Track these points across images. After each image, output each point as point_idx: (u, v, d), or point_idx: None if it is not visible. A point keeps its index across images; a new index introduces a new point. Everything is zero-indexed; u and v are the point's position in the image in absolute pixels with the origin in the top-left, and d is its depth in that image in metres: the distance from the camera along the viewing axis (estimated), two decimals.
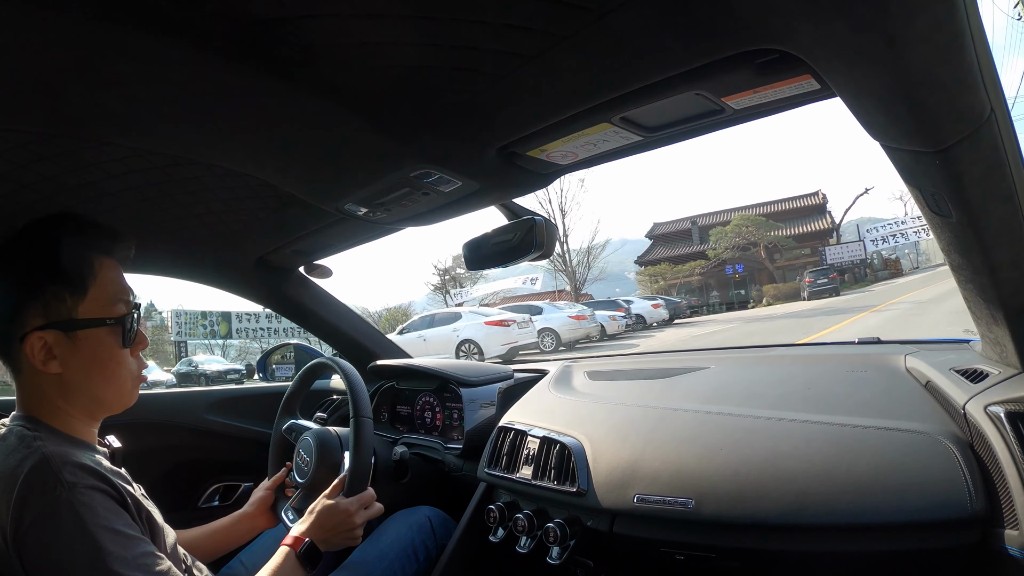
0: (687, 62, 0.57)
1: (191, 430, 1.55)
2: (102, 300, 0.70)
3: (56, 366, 0.68)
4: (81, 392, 0.70)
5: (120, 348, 0.72)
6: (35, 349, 0.67)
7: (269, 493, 1.12)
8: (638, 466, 0.92)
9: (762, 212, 27.45)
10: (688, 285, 26.78)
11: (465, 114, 0.70)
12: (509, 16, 0.52)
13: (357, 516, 0.94)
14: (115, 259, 0.74)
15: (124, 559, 0.60)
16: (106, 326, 0.70)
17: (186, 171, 0.92)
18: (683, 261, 26.68)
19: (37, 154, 0.80)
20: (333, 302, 1.63)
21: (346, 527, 0.92)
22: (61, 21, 0.48)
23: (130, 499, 0.66)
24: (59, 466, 0.61)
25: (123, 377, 0.73)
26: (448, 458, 1.31)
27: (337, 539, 0.92)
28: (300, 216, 1.12)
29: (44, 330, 0.67)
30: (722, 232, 25.24)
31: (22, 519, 0.58)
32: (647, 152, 0.79)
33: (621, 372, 1.33)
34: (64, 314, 0.68)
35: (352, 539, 0.94)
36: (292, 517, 1.09)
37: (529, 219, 0.94)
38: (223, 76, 0.59)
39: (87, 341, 0.69)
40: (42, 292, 0.67)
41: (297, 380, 1.24)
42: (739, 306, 23.47)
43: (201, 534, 1.03)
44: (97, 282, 0.70)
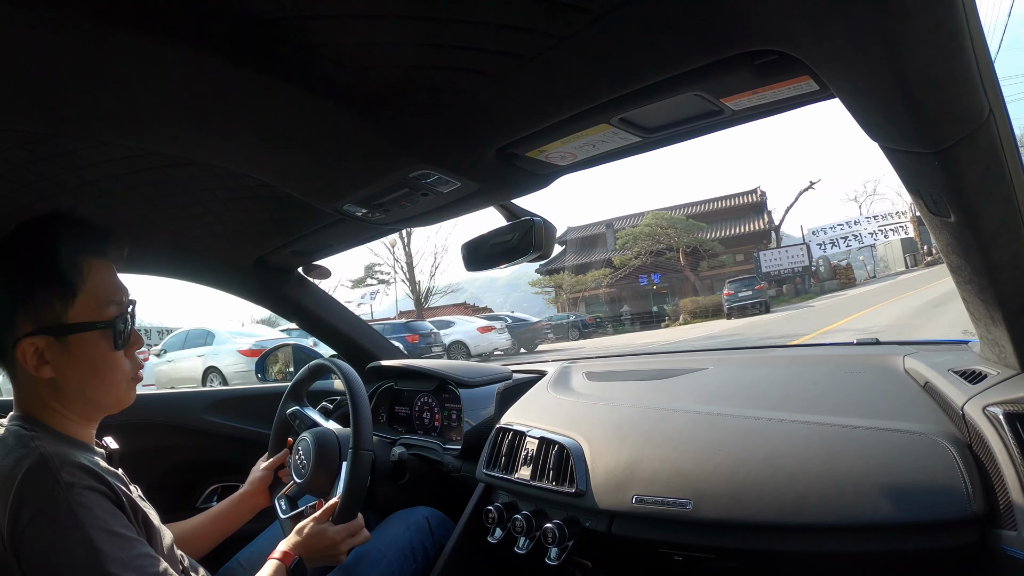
0: (686, 63, 0.57)
1: (191, 430, 1.55)
2: (92, 304, 0.70)
3: (49, 371, 0.67)
4: (76, 395, 0.70)
5: (112, 351, 0.71)
6: (27, 355, 0.66)
7: (268, 473, 1.14)
8: (637, 467, 0.92)
9: (690, 212, 23.82)
10: (596, 298, 23.34)
11: (464, 114, 0.70)
12: (509, 16, 0.52)
13: (343, 544, 0.95)
14: (108, 259, 0.73)
15: (120, 560, 0.60)
16: (97, 329, 0.70)
17: (185, 171, 0.92)
18: (588, 270, 22.91)
19: (37, 154, 0.80)
20: (332, 303, 1.63)
21: (331, 553, 0.94)
22: (61, 21, 0.48)
23: (126, 500, 0.66)
24: (57, 466, 0.61)
25: (117, 379, 0.73)
26: (447, 459, 1.31)
27: (320, 561, 0.94)
28: (299, 216, 1.12)
29: (35, 336, 0.67)
30: (631, 235, 21.43)
31: (19, 519, 0.58)
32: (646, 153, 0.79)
33: (620, 373, 1.33)
34: (54, 319, 0.67)
35: (336, 562, 0.96)
36: (285, 508, 1.10)
37: (528, 219, 0.94)
38: (223, 76, 0.59)
39: (78, 345, 0.69)
40: (32, 298, 0.67)
41: (306, 370, 1.24)
42: (651, 324, 19.62)
43: (205, 519, 1.05)
44: (87, 285, 0.70)
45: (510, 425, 1.17)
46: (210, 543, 1.03)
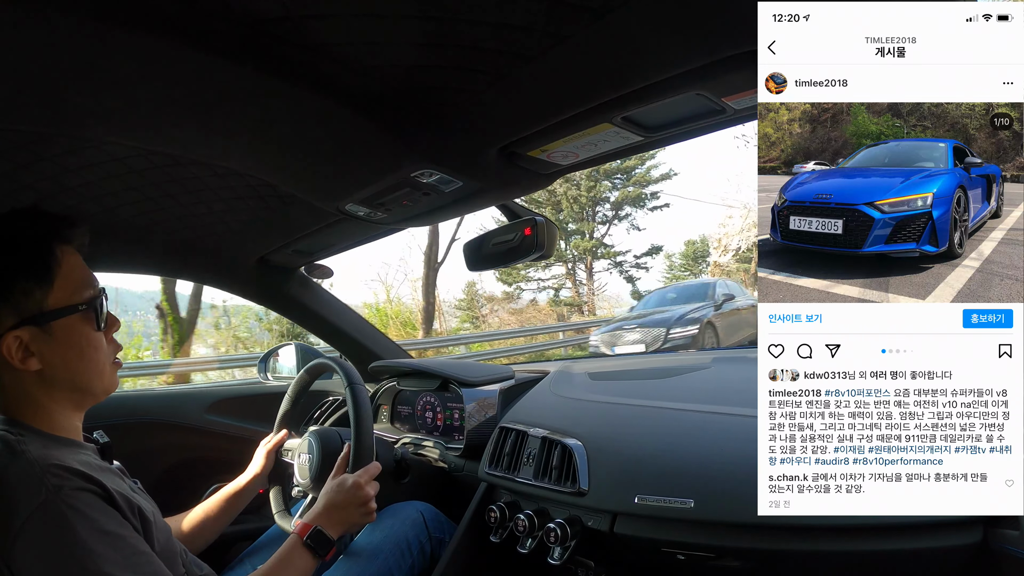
0: (688, 62, 0.57)
1: (191, 430, 1.55)
2: (70, 288, 0.70)
3: (35, 363, 0.67)
4: (64, 383, 0.70)
5: (95, 331, 0.72)
6: (12, 350, 0.66)
7: (270, 460, 1.13)
8: (639, 466, 0.92)
9: None
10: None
11: (466, 114, 0.69)
12: (509, 16, 0.52)
13: (369, 487, 0.92)
14: (74, 247, 0.73)
15: (115, 560, 0.59)
16: (78, 312, 0.70)
17: (186, 171, 0.92)
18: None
19: (38, 154, 0.80)
20: (334, 302, 1.63)
21: (358, 500, 0.91)
22: (61, 21, 0.48)
23: (118, 495, 0.65)
24: (43, 470, 0.61)
25: (101, 361, 0.73)
26: (449, 458, 1.31)
27: (352, 516, 0.91)
28: (300, 216, 1.12)
29: (18, 328, 0.66)
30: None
31: (9, 526, 0.58)
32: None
33: (621, 372, 1.33)
34: (35, 308, 0.67)
35: (367, 513, 0.93)
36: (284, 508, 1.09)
37: (529, 219, 0.94)
38: (223, 76, 0.59)
39: (63, 330, 0.69)
40: (10, 291, 0.67)
41: (307, 370, 1.22)
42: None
43: (214, 502, 1.05)
44: (62, 270, 0.69)
45: (512, 425, 1.17)
46: (213, 532, 1.03)
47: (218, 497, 1.06)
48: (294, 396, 1.23)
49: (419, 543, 1.07)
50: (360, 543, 1.00)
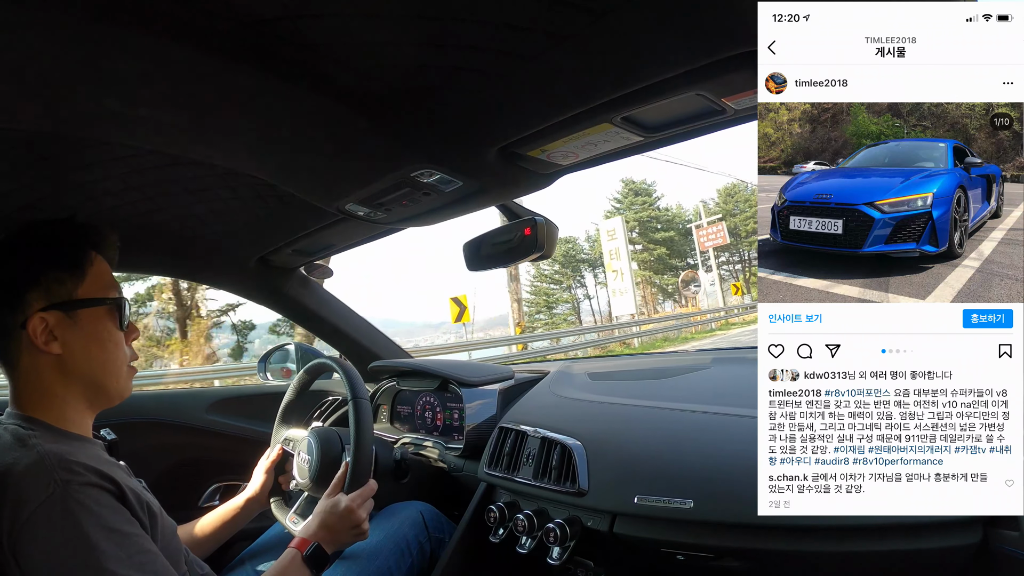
0: (687, 62, 0.57)
1: (191, 430, 1.55)
2: (99, 284, 0.74)
3: (57, 347, 0.69)
4: (80, 376, 0.71)
5: (117, 329, 0.75)
6: (38, 331, 0.68)
7: (269, 476, 1.13)
8: (638, 466, 0.92)
9: None
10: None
11: (466, 114, 0.69)
12: (509, 16, 0.52)
13: (362, 510, 0.93)
14: (105, 256, 0.77)
15: (119, 558, 0.59)
16: (104, 305, 0.74)
17: (186, 171, 0.92)
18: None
19: (37, 154, 0.80)
20: (334, 302, 1.63)
21: (350, 524, 0.92)
22: (62, 21, 0.48)
23: (130, 492, 0.66)
24: (54, 464, 0.61)
25: (119, 360, 0.75)
26: (448, 458, 1.31)
27: (345, 537, 0.92)
28: (300, 216, 1.12)
29: (47, 311, 0.69)
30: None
31: (17, 518, 0.58)
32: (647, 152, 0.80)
33: (621, 372, 1.33)
34: (64, 295, 0.71)
35: (359, 535, 0.94)
36: (297, 523, 1.08)
37: (529, 219, 0.94)
38: (223, 76, 0.59)
39: (87, 320, 0.72)
40: (45, 277, 0.70)
41: (306, 370, 1.22)
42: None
43: (208, 521, 1.04)
44: (93, 269, 0.74)
45: (512, 425, 1.17)
46: (213, 544, 1.03)
47: (214, 516, 1.05)
48: (294, 396, 1.23)
49: (419, 543, 1.07)
50: (360, 543, 1.00)
